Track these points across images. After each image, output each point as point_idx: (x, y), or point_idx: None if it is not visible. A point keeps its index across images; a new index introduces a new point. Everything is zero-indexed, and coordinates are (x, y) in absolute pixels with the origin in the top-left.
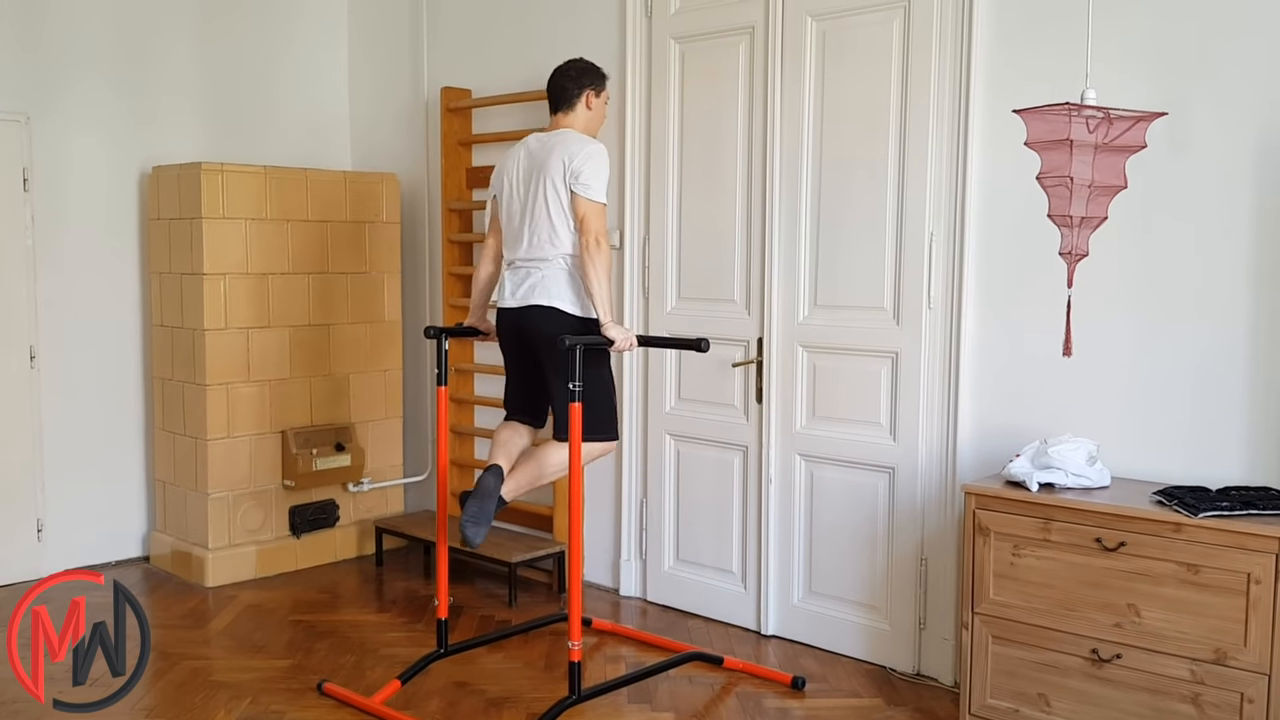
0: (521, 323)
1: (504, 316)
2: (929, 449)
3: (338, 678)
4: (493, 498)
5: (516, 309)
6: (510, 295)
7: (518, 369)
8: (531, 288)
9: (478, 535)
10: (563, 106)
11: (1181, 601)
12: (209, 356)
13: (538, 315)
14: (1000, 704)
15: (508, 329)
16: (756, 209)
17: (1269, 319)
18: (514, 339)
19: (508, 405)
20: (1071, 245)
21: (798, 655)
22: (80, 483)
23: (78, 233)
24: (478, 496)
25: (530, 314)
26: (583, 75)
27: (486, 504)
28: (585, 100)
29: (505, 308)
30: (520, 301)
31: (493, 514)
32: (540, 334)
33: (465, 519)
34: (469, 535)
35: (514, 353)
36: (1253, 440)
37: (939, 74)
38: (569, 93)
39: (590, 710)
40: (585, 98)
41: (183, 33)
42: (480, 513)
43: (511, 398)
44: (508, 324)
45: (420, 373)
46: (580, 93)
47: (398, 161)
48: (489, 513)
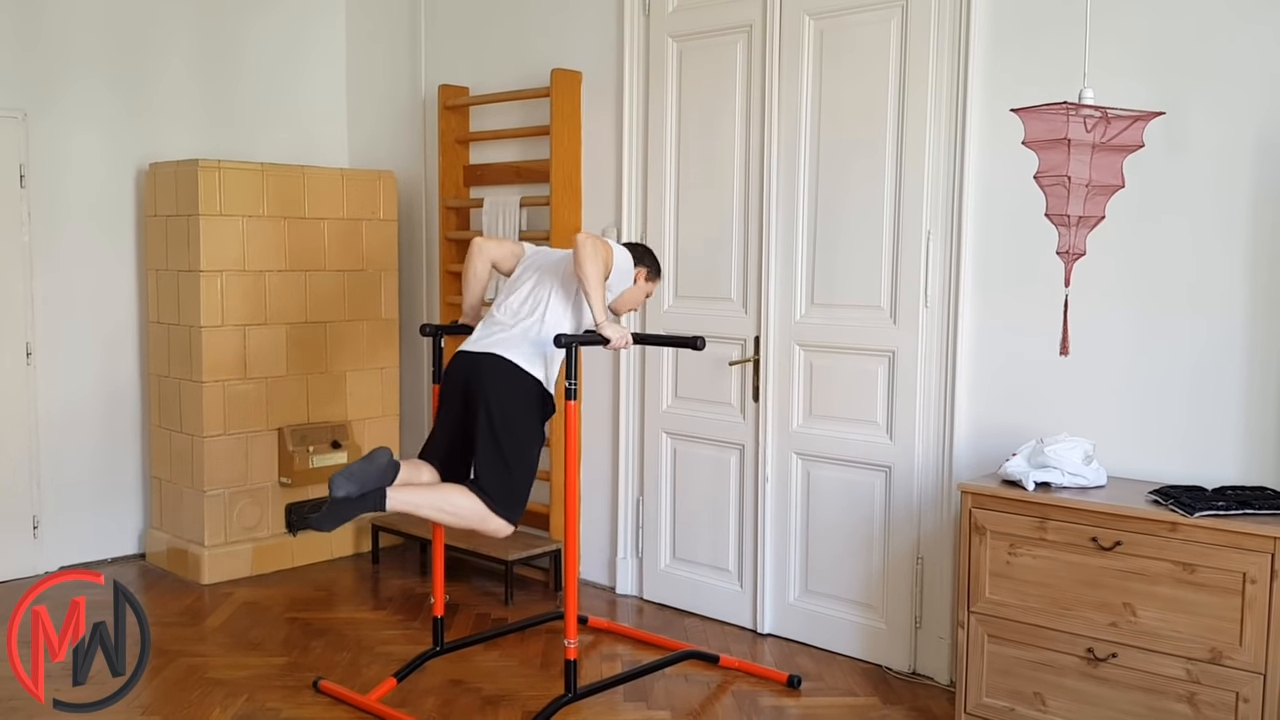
0: (474, 367)
1: (458, 361)
2: (925, 448)
3: (333, 675)
4: (380, 475)
5: (474, 354)
6: (474, 342)
7: (450, 417)
8: (498, 340)
9: (340, 489)
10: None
11: (1177, 601)
12: (205, 353)
13: (493, 364)
14: (996, 703)
15: (457, 372)
16: (754, 207)
17: (1266, 318)
18: (459, 383)
19: (424, 449)
20: (1069, 244)
21: (794, 654)
22: (76, 480)
23: (74, 229)
24: (365, 461)
25: (488, 361)
26: (646, 256)
27: (370, 474)
28: (638, 274)
29: (464, 350)
30: (482, 348)
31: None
32: (490, 381)
33: (342, 471)
34: (335, 484)
35: (453, 399)
36: (1249, 440)
37: (937, 73)
38: (634, 255)
39: (586, 708)
40: (639, 273)
41: (180, 30)
42: (360, 474)
43: (430, 446)
44: (460, 367)
45: (417, 370)
46: (638, 265)
47: (395, 159)
48: (368, 483)
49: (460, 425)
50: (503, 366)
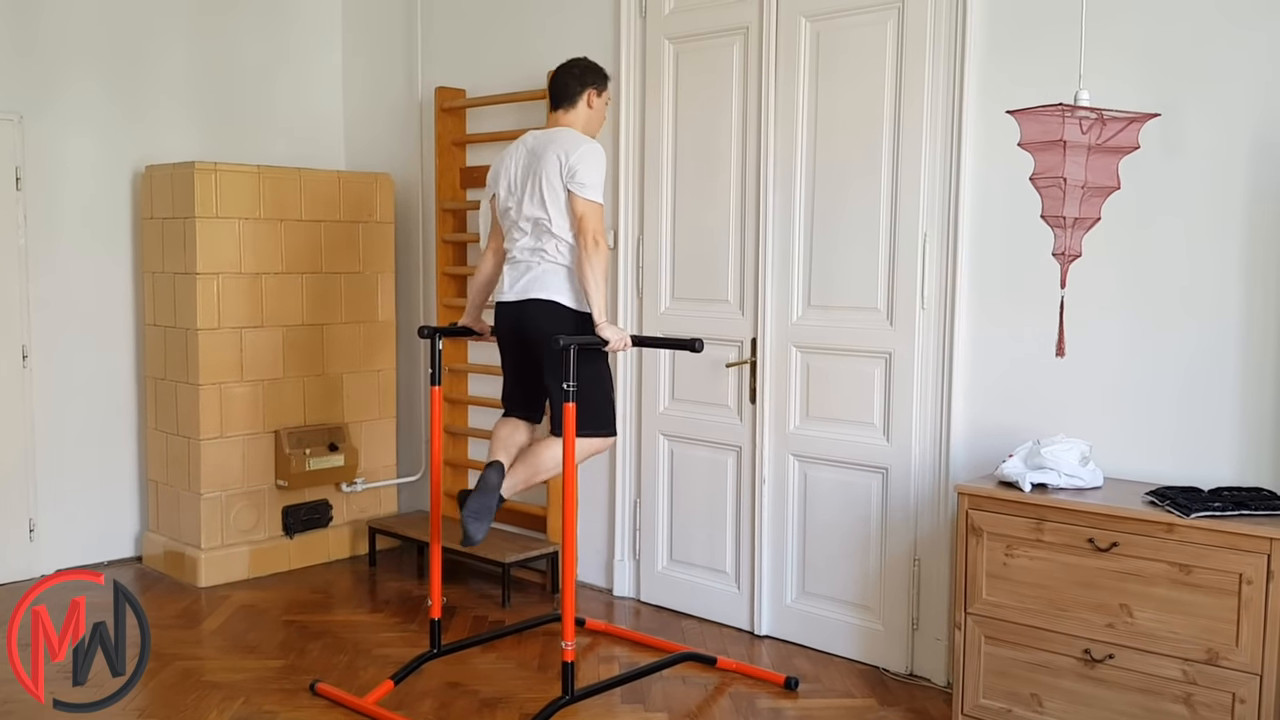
0: (520, 317)
1: (502, 311)
2: (922, 449)
3: (331, 678)
4: (494, 494)
5: (515, 303)
6: (509, 289)
7: (515, 365)
8: (531, 281)
9: (479, 532)
10: (563, 104)
11: (1173, 602)
12: (202, 356)
13: (536, 309)
14: (993, 704)
15: (506, 323)
16: (750, 209)
17: (1261, 319)
18: (512, 334)
19: (505, 401)
20: (1064, 246)
21: (791, 655)
22: (73, 482)
23: (70, 232)
24: (479, 492)
25: (528, 308)
26: (586, 74)
27: (487, 500)
28: (587, 99)
29: (504, 301)
30: (519, 295)
31: (493, 511)
32: (537, 329)
33: (466, 514)
34: (470, 531)
35: (511, 348)
36: (1245, 441)
37: (933, 75)
38: (570, 90)
39: (583, 710)
40: (587, 96)
41: (176, 32)
42: (481, 509)
43: (509, 393)
44: (506, 318)
45: (414, 373)
46: (582, 91)
47: (392, 161)
48: (490, 509)
49: (526, 367)
50: (544, 309)
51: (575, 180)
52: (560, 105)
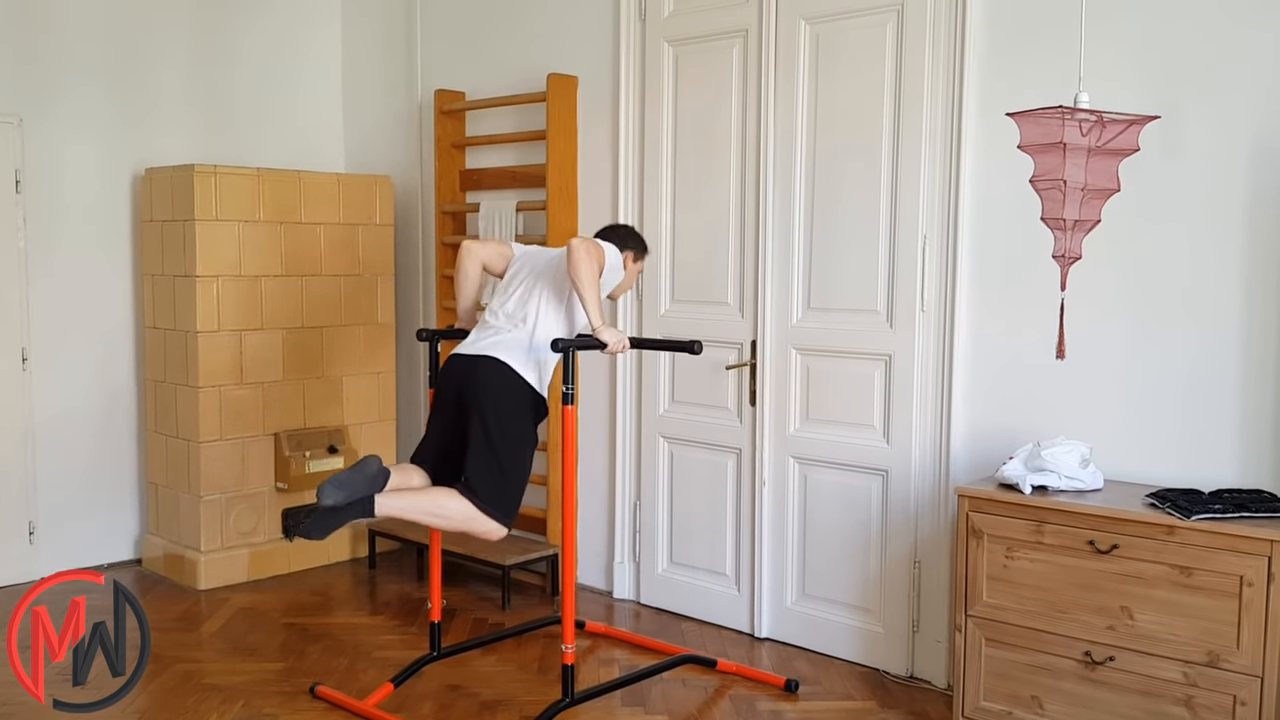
0: (472, 370)
1: (453, 363)
2: (922, 452)
3: (330, 681)
4: (368, 483)
5: (470, 356)
6: (468, 345)
7: (443, 419)
8: (495, 343)
9: (329, 497)
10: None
11: (1174, 604)
12: (201, 359)
13: (491, 365)
14: (993, 706)
15: (452, 377)
16: (750, 211)
17: (1261, 321)
18: (453, 387)
19: (416, 454)
20: (1064, 248)
21: (791, 658)
22: (72, 485)
23: (70, 235)
24: (354, 469)
25: (482, 362)
26: (630, 239)
27: (358, 482)
28: (625, 259)
29: (459, 354)
30: (478, 350)
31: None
32: (486, 384)
33: (330, 479)
34: (323, 492)
35: (447, 402)
36: (1245, 442)
37: (932, 77)
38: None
39: (583, 713)
40: (626, 257)
41: (176, 35)
42: (348, 482)
43: (423, 450)
44: (454, 370)
45: (413, 375)
46: (623, 252)
47: (391, 164)
48: (355, 491)
49: (454, 428)
50: (497, 369)
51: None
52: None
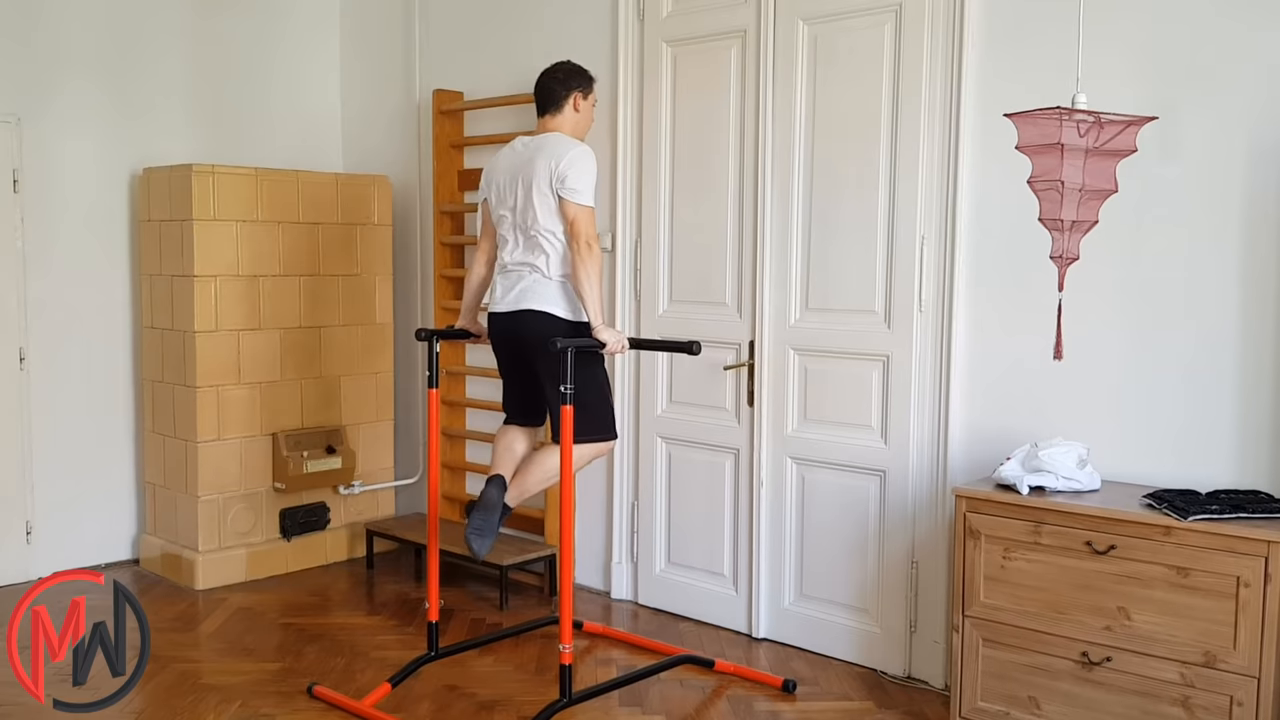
0: (514, 327)
1: (495, 321)
2: (920, 452)
3: (328, 681)
4: (496, 509)
5: (508, 313)
6: (501, 299)
7: (512, 373)
8: (523, 292)
9: (483, 547)
10: (550, 109)
11: (1171, 604)
12: (199, 358)
13: (530, 319)
14: (991, 707)
15: (500, 333)
16: (748, 212)
17: (1258, 322)
18: (506, 344)
19: (506, 408)
20: (1062, 249)
21: (789, 658)
22: (70, 485)
23: (68, 234)
24: (482, 508)
25: (522, 318)
26: (570, 77)
27: (490, 516)
28: (573, 102)
29: (496, 312)
30: (511, 306)
31: (498, 525)
32: (532, 338)
33: (470, 530)
34: (474, 547)
35: (507, 357)
36: (1242, 443)
37: (930, 78)
38: (556, 95)
39: (581, 713)
40: (573, 100)
41: (174, 34)
42: (485, 524)
43: (508, 401)
44: (499, 328)
45: (412, 375)
46: (568, 95)
47: (389, 164)
48: (494, 524)
49: (524, 379)
50: (537, 320)
51: (565, 186)
52: (546, 110)
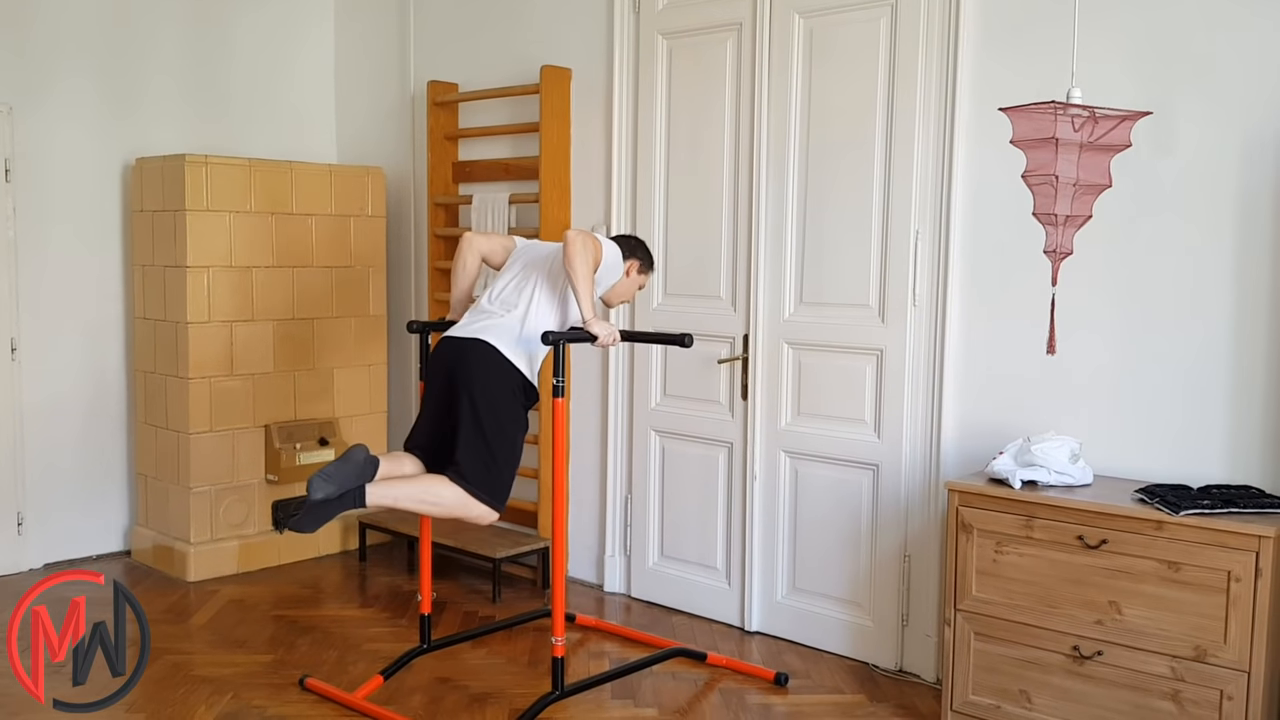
0: (462, 351)
1: (444, 345)
2: (913, 446)
3: (320, 673)
4: (357, 474)
5: (460, 339)
6: (460, 329)
7: (434, 403)
8: (486, 327)
9: (318, 491)
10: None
11: (1162, 599)
12: (192, 350)
13: (481, 350)
14: (982, 700)
15: (442, 357)
16: (743, 205)
17: (1251, 318)
18: (443, 369)
19: (410, 438)
20: (1056, 244)
21: (781, 651)
22: (61, 476)
23: (60, 224)
24: (342, 461)
25: (472, 346)
26: (638, 249)
27: (347, 473)
28: (629, 268)
29: (449, 336)
30: (469, 334)
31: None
32: (476, 368)
33: (318, 473)
34: (312, 486)
35: (437, 385)
36: (1234, 439)
37: (925, 72)
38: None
39: (573, 706)
40: (630, 265)
41: (168, 24)
42: (337, 474)
43: (418, 432)
44: (445, 352)
45: (405, 367)
46: (630, 258)
47: (383, 155)
48: (345, 484)
49: (445, 411)
50: (488, 353)
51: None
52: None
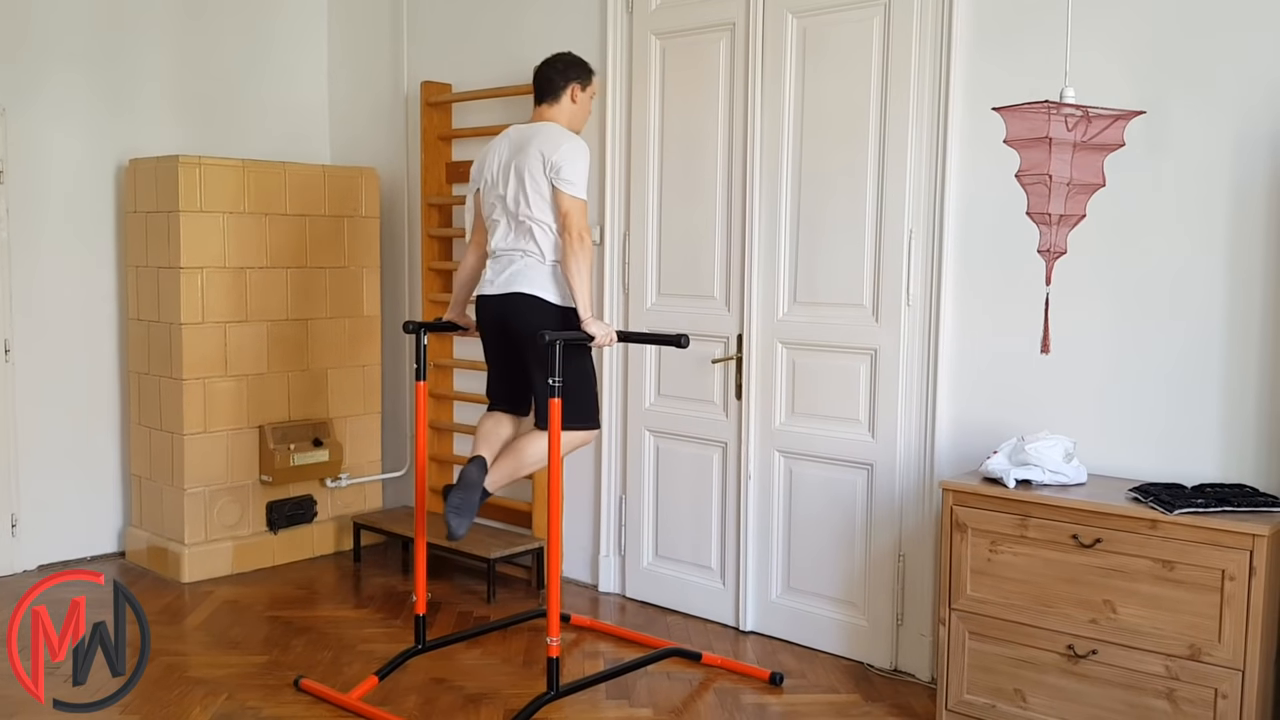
0: (502, 310)
1: (484, 304)
2: (907, 446)
3: (315, 674)
4: (476, 489)
5: (497, 296)
6: (491, 283)
7: (499, 358)
8: (513, 275)
9: (461, 527)
10: (547, 98)
11: (1157, 598)
12: (186, 351)
13: (519, 302)
14: (977, 700)
15: (488, 317)
16: (737, 205)
17: (1245, 315)
18: (494, 327)
19: (490, 394)
20: (1050, 243)
21: (776, 651)
22: (55, 477)
23: (53, 225)
24: (461, 488)
25: (511, 300)
26: (570, 68)
27: (470, 495)
28: (570, 93)
29: (486, 295)
30: (501, 289)
31: (476, 506)
32: (521, 322)
33: (449, 510)
34: (453, 526)
35: (494, 341)
36: (1228, 437)
37: (919, 71)
38: (555, 84)
39: (568, 706)
40: (571, 91)
41: (161, 24)
42: (464, 504)
43: (493, 386)
44: (488, 312)
45: (399, 368)
46: (566, 85)
47: (377, 155)
48: (473, 504)
49: (511, 363)
50: (527, 303)
51: (560, 176)
52: (544, 100)
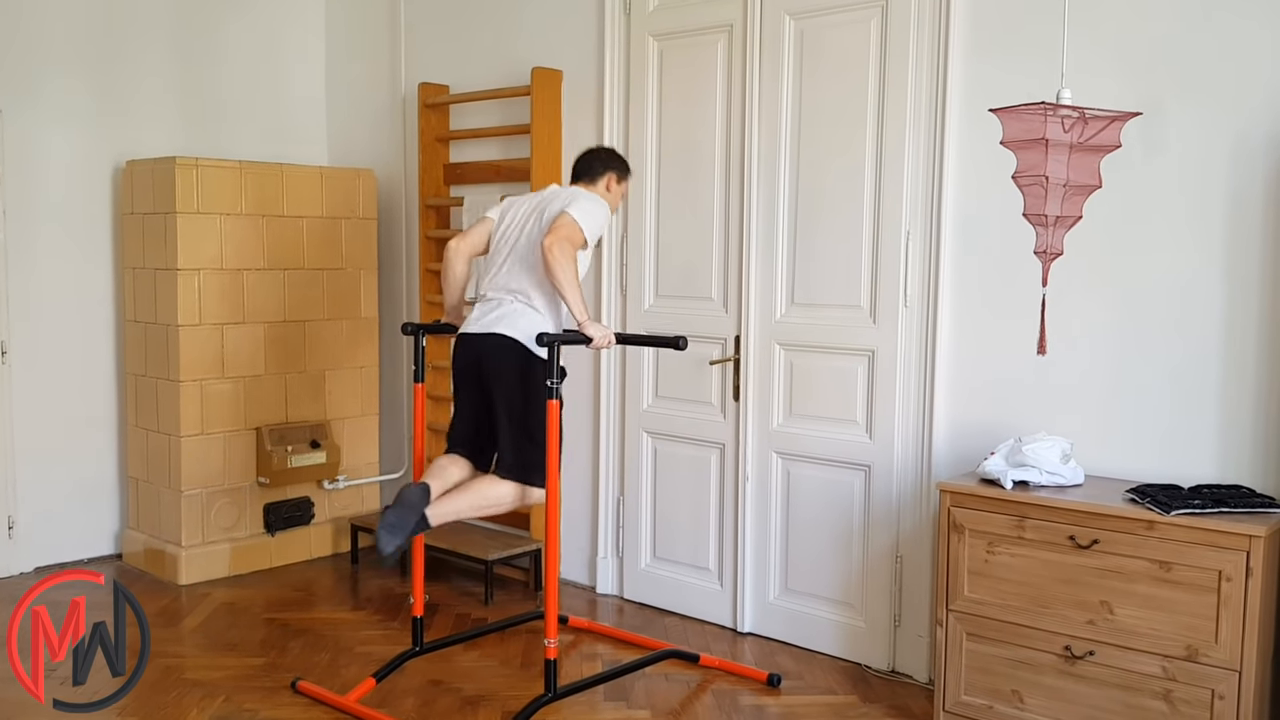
0: (481, 349)
1: (463, 343)
2: (905, 447)
3: (312, 676)
4: (416, 511)
5: (478, 335)
6: (475, 322)
7: (468, 400)
8: (499, 318)
9: (389, 545)
10: (584, 179)
11: (1154, 599)
12: (183, 352)
13: (498, 344)
14: (974, 701)
15: (466, 356)
16: (734, 207)
17: (1242, 317)
18: (470, 367)
19: (452, 438)
20: (1046, 244)
21: (774, 652)
22: (52, 480)
23: (50, 227)
24: (399, 506)
25: (492, 341)
26: (611, 160)
27: (407, 516)
28: (607, 182)
29: (467, 333)
30: (484, 328)
31: (411, 530)
32: (498, 361)
33: (381, 526)
34: (382, 543)
35: (467, 382)
36: (1225, 438)
37: (916, 73)
38: (594, 169)
39: (566, 708)
40: (608, 179)
41: (158, 25)
42: (399, 524)
43: (457, 430)
44: (466, 351)
45: (397, 370)
46: (604, 172)
47: (375, 157)
48: (408, 526)
49: (480, 405)
50: (508, 345)
51: (572, 207)
52: (580, 180)
